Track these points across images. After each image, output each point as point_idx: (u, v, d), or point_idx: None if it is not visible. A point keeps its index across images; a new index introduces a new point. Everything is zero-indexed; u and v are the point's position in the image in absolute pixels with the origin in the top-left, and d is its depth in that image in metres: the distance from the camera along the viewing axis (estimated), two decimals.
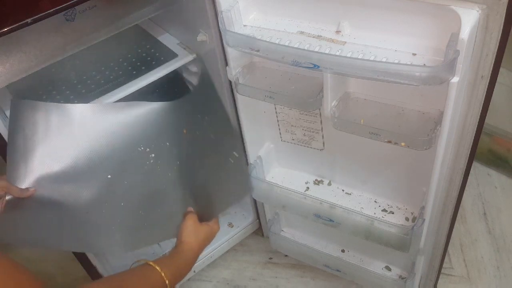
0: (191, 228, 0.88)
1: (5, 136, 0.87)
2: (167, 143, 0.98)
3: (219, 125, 1.04)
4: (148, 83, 1.01)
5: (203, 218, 0.92)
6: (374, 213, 1.06)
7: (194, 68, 1.12)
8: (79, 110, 0.91)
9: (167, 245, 1.31)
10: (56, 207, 0.88)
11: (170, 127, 0.99)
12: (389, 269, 1.18)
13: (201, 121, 1.03)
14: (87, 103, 0.95)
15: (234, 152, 1.03)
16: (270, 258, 1.40)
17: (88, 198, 0.91)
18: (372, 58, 0.77)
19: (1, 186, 0.84)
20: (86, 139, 0.92)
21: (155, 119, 0.97)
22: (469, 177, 0.90)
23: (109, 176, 0.93)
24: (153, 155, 0.97)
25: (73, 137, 0.91)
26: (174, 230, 0.89)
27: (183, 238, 0.86)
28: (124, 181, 0.94)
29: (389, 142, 0.84)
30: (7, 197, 0.85)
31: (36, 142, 0.88)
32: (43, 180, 0.88)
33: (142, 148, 0.96)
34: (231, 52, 0.93)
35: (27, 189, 0.87)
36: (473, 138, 0.82)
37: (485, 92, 0.75)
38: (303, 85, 0.94)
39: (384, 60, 0.76)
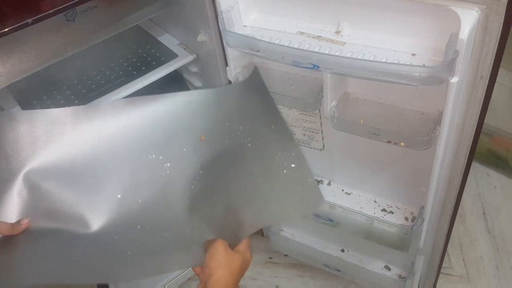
0: (223, 258, 0.69)
1: None
2: (184, 149, 0.82)
3: (265, 130, 0.84)
4: (148, 83, 1.01)
5: (230, 240, 0.73)
6: (374, 213, 1.06)
7: (194, 68, 1.13)
8: (69, 114, 0.77)
9: None
10: (57, 238, 0.72)
11: (184, 128, 0.83)
12: (389, 269, 1.18)
13: (234, 124, 0.85)
14: (87, 103, 0.95)
15: (291, 164, 0.79)
16: (270, 258, 1.40)
17: (96, 225, 0.75)
18: (371, 59, 0.77)
19: None
20: (83, 150, 0.77)
21: (164, 118, 0.81)
22: (469, 177, 0.90)
23: (119, 196, 0.77)
24: (168, 164, 0.80)
25: (66, 150, 0.76)
26: (197, 256, 0.72)
27: (214, 271, 0.67)
28: (138, 199, 0.78)
29: (389, 142, 0.84)
30: None
31: (22, 161, 0.73)
32: (37, 208, 0.73)
33: (154, 156, 0.80)
34: (231, 53, 0.93)
35: (18, 222, 0.71)
36: (472, 138, 0.82)
37: (484, 93, 0.75)
38: (303, 85, 0.94)
39: (383, 60, 0.76)
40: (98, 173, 0.77)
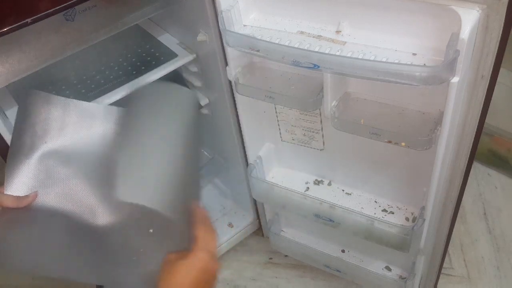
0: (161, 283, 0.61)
1: (5, 137, 0.86)
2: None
3: None
4: (147, 83, 1.01)
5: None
6: (374, 213, 1.06)
7: (194, 68, 1.12)
8: (100, 111, 0.78)
9: None
10: (64, 225, 0.72)
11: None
12: (389, 269, 1.18)
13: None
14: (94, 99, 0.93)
15: None
16: (270, 258, 1.40)
17: (106, 220, 0.74)
18: (372, 58, 0.77)
19: None
20: (106, 147, 0.77)
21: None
22: (469, 177, 0.89)
23: None
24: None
25: (91, 143, 0.76)
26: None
27: None
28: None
29: (389, 142, 0.84)
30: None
31: (47, 142, 0.74)
32: (50, 189, 0.73)
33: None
34: (231, 52, 0.93)
35: (26, 196, 0.70)
36: (473, 138, 0.82)
37: (485, 92, 0.75)
38: (303, 85, 0.94)
39: (384, 60, 0.76)
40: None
